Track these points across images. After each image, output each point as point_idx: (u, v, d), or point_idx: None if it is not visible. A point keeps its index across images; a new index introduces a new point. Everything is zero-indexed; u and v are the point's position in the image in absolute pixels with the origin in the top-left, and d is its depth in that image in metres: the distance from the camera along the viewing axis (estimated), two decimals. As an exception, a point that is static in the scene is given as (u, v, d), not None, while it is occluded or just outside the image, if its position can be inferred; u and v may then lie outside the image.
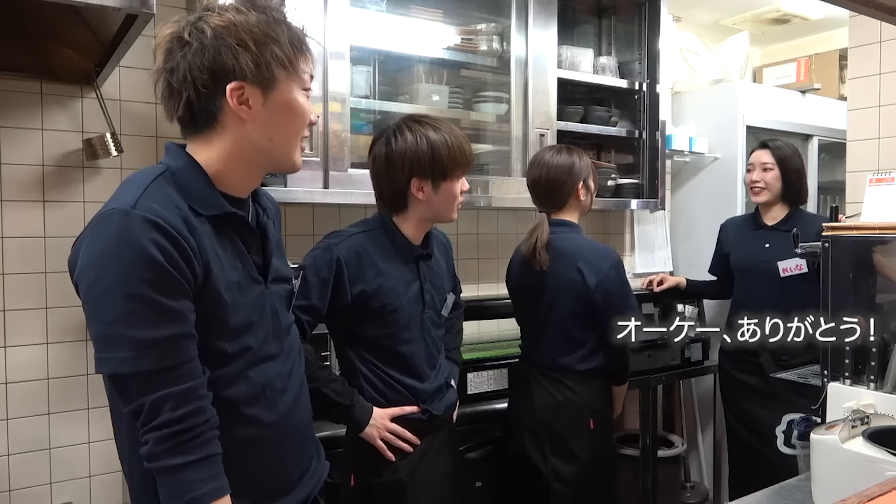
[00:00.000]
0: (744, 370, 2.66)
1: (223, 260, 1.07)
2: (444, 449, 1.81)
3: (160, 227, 0.97)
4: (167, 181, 1.05)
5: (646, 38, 3.01)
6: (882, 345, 1.54)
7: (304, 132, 1.14)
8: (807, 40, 3.91)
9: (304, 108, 1.12)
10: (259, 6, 1.07)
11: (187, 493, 0.99)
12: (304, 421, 1.24)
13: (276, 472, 1.16)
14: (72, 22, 1.62)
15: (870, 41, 2.41)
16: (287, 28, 1.08)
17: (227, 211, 1.08)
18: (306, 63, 1.11)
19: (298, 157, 1.15)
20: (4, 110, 1.98)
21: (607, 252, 2.11)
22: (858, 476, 1.22)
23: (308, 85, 1.13)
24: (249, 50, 1.03)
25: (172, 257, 0.97)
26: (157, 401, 0.98)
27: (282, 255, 1.24)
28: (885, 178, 1.69)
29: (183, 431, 0.99)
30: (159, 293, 0.97)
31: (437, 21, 2.53)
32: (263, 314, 1.14)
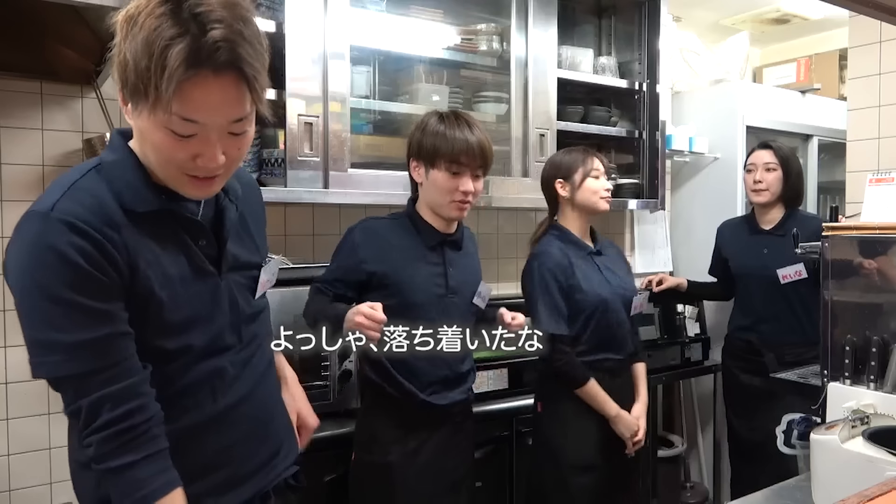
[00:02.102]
0: (747, 370, 2.66)
1: (160, 255, 1.02)
2: (447, 446, 1.81)
3: (78, 229, 0.94)
4: (97, 177, 1.00)
5: (646, 38, 3.01)
6: (882, 345, 1.54)
7: (187, 169, 0.97)
8: (807, 40, 3.91)
9: (164, 145, 0.94)
10: (163, 13, 0.88)
11: (138, 491, 0.98)
12: (262, 413, 1.18)
13: (219, 464, 1.11)
14: (72, 22, 1.62)
15: (870, 41, 2.41)
16: (160, 52, 0.87)
17: (158, 208, 1.01)
18: (175, 104, 0.89)
19: (186, 188, 1.01)
20: (4, 110, 1.98)
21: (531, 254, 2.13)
22: (858, 476, 1.22)
23: (179, 129, 0.93)
24: (120, 66, 0.93)
25: (93, 259, 0.94)
26: (95, 402, 0.97)
27: (246, 240, 1.17)
28: (885, 178, 1.69)
29: (126, 430, 0.97)
30: (84, 296, 0.95)
31: (437, 21, 2.53)
32: (216, 307, 1.09)
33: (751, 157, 2.72)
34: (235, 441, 1.12)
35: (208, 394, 1.09)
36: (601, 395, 2.03)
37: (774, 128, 3.24)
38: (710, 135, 3.28)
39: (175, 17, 0.87)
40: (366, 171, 2.22)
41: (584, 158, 2.12)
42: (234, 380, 1.12)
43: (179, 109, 0.90)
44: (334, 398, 2.12)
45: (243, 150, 1.00)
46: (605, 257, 2.16)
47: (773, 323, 2.60)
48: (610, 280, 2.10)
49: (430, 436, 1.78)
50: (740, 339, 2.72)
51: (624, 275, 2.18)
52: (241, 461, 1.13)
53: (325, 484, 1.96)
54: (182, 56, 0.86)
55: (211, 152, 0.95)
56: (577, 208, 2.12)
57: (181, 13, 0.87)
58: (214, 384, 1.09)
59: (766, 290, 2.60)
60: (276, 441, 1.21)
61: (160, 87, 0.87)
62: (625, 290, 2.12)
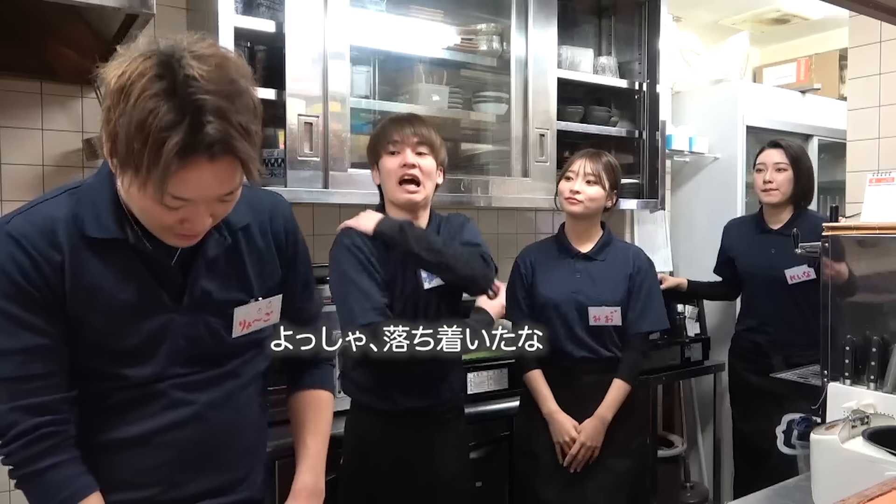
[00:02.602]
0: (754, 371, 2.63)
1: (110, 283, 1.02)
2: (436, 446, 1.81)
3: (20, 245, 0.98)
4: (68, 199, 1.03)
5: (646, 38, 3.01)
6: (882, 345, 1.54)
7: (173, 230, 0.99)
8: (807, 40, 3.91)
9: (153, 212, 0.96)
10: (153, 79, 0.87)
11: (61, 492, 0.99)
12: (211, 441, 1.12)
13: (140, 483, 1.07)
14: (72, 22, 1.62)
15: (870, 41, 2.41)
16: (156, 138, 0.86)
17: (112, 237, 1.01)
18: (172, 184, 0.89)
19: (170, 240, 1.02)
20: (4, 110, 1.98)
21: None
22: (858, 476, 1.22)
23: (169, 203, 0.93)
24: (107, 128, 0.91)
25: (28, 275, 0.98)
26: (12, 410, 0.98)
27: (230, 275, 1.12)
28: (885, 178, 1.69)
29: (48, 435, 0.99)
30: (15, 306, 0.98)
31: (437, 21, 2.53)
32: (165, 341, 1.06)
33: (760, 156, 2.68)
34: (165, 463, 1.08)
35: (140, 413, 1.06)
36: (543, 389, 2.09)
37: (774, 128, 3.23)
38: (710, 135, 3.28)
39: (170, 99, 0.86)
40: (366, 171, 2.21)
41: (572, 160, 2.15)
42: (176, 403, 1.08)
43: (172, 190, 0.91)
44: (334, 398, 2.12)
45: (230, 207, 1.01)
46: (597, 263, 2.13)
47: (780, 324, 2.58)
48: (572, 284, 2.10)
49: (417, 436, 1.78)
50: (747, 339, 2.70)
51: (608, 285, 2.11)
52: (170, 484, 1.09)
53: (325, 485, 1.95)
54: (178, 147, 0.86)
55: (199, 220, 0.97)
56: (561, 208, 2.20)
57: (176, 95, 0.86)
58: (150, 405, 1.07)
59: (774, 290, 2.58)
60: (228, 472, 1.15)
61: (152, 172, 0.87)
62: (586, 299, 2.07)
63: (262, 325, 1.17)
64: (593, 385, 2.09)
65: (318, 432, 1.29)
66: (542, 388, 2.09)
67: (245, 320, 1.14)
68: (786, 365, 2.47)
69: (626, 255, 2.18)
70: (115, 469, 1.06)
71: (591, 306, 2.08)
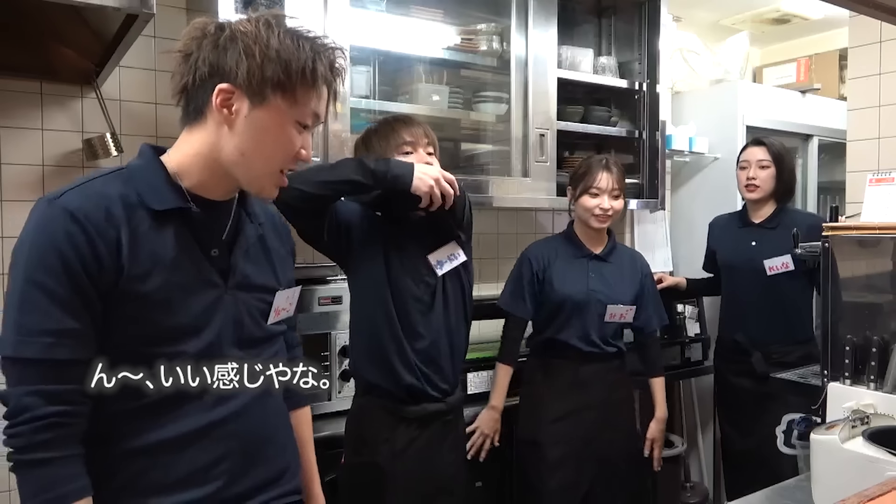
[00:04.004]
0: (738, 372, 2.65)
1: (166, 259, 1.04)
2: (437, 446, 1.81)
3: (77, 219, 0.97)
4: (117, 178, 1.06)
5: (646, 38, 3.01)
6: (882, 345, 1.54)
7: (283, 164, 1.10)
8: (807, 40, 3.91)
9: (287, 139, 1.08)
10: (293, 32, 1.05)
11: (50, 491, 0.96)
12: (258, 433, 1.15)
13: (200, 481, 1.07)
14: (72, 22, 1.62)
15: (870, 41, 2.41)
16: (310, 60, 1.04)
17: (176, 206, 1.05)
18: (313, 101, 1.08)
19: (270, 186, 1.11)
20: (4, 110, 1.98)
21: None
22: (858, 476, 1.22)
23: (306, 121, 1.09)
24: (253, 61, 1.02)
25: (80, 251, 0.97)
26: (29, 394, 0.96)
27: (263, 264, 1.18)
28: (885, 178, 1.69)
29: (51, 427, 0.96)
30: (58, 283, 0.97)
31: (437, 21, 2.53)
32: (214, 318, 1.09)
33: (744, 153, 2.71)
34: (223, 457, 1.09)
35: (196, 406, 1.07)
36: (500, 384, 2.22)
37: (774, 128, 3.24)
38: (710, 135, 3.28)
39: (301, 40, 1.05)
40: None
41: (591, 172, 2.20)
42: (226, 396, 1.10)
43: (316, 105, 1.09)
44: (334, 398, 2.13)
45: (311, 158, 1.16)
46: (608, 264, 2.26)
47: (758, 318, 2.59)
48: (590, 283, 2.21)
49: (419, 435, 1.78)
50: (728, 338, 2.71)
51: (620, 284, 2.26)
52: (229, 479, 1.10)
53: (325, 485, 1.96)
54: (325, 67, 1.07)
55: (310, 145, 1.13)
56: (577, 217, 2.27)
57: (303, 37, 1.06)
58: (203, 397, 1.08)
59: (753, 282, 2.59)
60: (274, 466, 1.18)
61: (308, 87, 1.05)
62: (604, 297, 2.21)
63: (286, 315, 1.23)
64: (593, 374, 2.22)
65: (312, 447, 1.40)
66: (500, 383, 2.22)
67: (278, 307, 1.20)
68: (765, 362, 2.49)
69: (632, 258, 2.36)
70: (174, 468, 1.06)
71: (610, 304, 2.20)
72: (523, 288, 2.22)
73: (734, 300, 2.72)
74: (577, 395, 2.18)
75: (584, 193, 2.19)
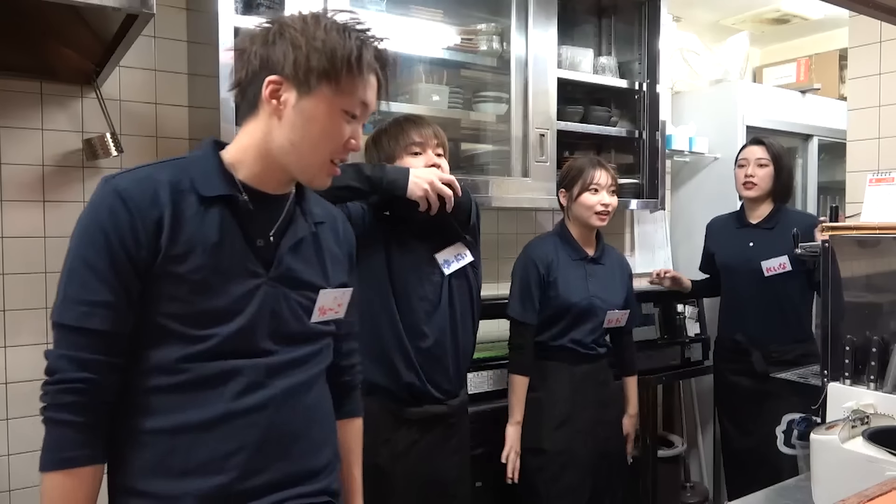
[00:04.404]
0: (738, 371, 2.65)
1: (210, 244, 1.07)
2: (439, 448, 1.81)
3: (122, 199, 1.03)
4: (173, 165, 1.11)
5: (646, 38, 3.01)
6: (882, 345, 1.54)
7: (333, 153, 1.12)
8: (807, 40, 3.91)
9: (334, 127, 1.10)
10: (340, 24, 1.09)
11: (62, 452, 1.02)
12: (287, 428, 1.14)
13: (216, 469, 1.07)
14: (72, 22, 1.61)
15: (870, 41, 2.41)
16: (356, 49, 1.07)
17: (224, 193, 1.09)
18: (359, 89, 1.10)
19: (321, 175, 1.14)
20: (4, 110, 1.98)
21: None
22: (858, 476, 1.22)
23: (354, 110, 1.11)
24: (299, 52, 1.06)
25: (121, 229, 1.03)
26: (65, 356, 1.02)
27: (312, 261, 1.19)
28: (885, 178, 1.69)
29: (73, 391, 1.02)
30: (98, 257, 1.03)
31: (437, 21, 2.53)
32: (249, 307, 1.10)
33: (742, 152, 2.72)
34: (238, 449, 1.09)
35: (219, 392, 1.08)
36: (520, 396, 2.16)
37: (774, 128, 3.24)
38: (710, 135, 3.28)
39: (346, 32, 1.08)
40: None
41: (586, 170, 2.18)
42: (254, 386, 1.10)
43: (363, 93, 1.11)
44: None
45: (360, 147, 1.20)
46: (601, 267, 2.25)
47: (757, 318, 2.60)
48: (590, 288, 2.20)
49: (421, 437, 1.78)
50: (727, 339, 2.71)
51: (614, 287, 2.26)
52: (246, 471, 1.09)
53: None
54: (371, 55, 1.09)
55: (359, 135, 1.15)
56: (574, 218, 2.23)
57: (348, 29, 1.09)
58: (227, 384, 1.08)
59: (751, 283, 2.59)
60: (299, 465, 1.16)
61: (353, 74, 1.08)
62: (602, 302, 2.20)
63: (334, 315, 1.23)
64: (587, 374, 2.21)
65: (358, 461, 1.40)
66: (519, 395, 2.17)
67: (324, 306, 1.20)
68: (765, 362, 2.50)
69: (619, 259, 2.36)
70: (195, 453, 1.07)
71: (609, 310, 2.21)
72: (532, 295, 2.17)
73: (733, 300, 2.72)
74: (574, 397, 2.18)
75: (583, 191, 2.18)
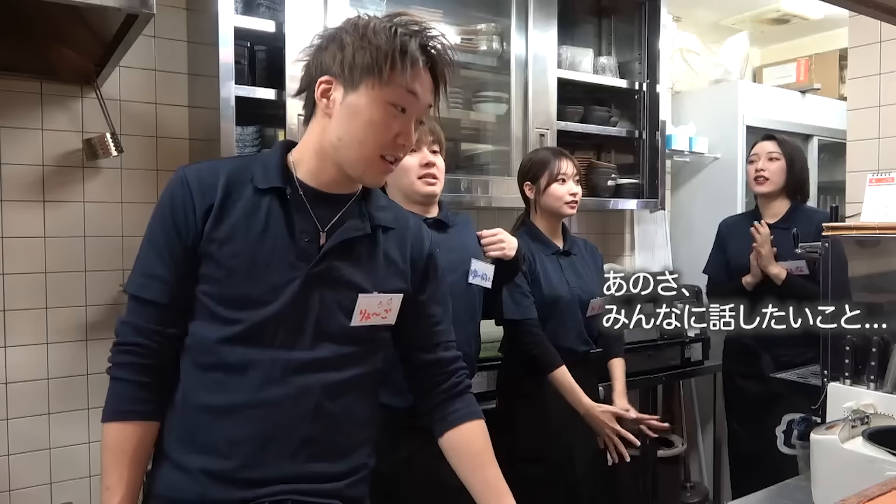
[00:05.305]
0: (747, 374, 2.62)
1: (256, 233, 1.12)
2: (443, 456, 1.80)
3: (184, 183, 1.12)
4: (242, 160, 1.22)
5: (646, 38, 3.01)
6: (882, 345, 1.54)
7: (381, 148, 1.12)
8: (807, 40, 3.91)
9: (379, 121, 1.11)
10: (389, 22, 1.11)
11: (120, 405, 1.12)
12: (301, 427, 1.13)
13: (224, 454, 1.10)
14: (72, 22, 1.62)
15: (870, 41, 2.40)
16: (399, 41, 1.09)
17: (275, 185, 1.13)
18: (405, 80, 1.10)
19: (372, 172, 1.14)
20: (4, 110, 1.98)
21: None
22: (858, 476, 1.22)
23: (401, 102, 1.11)
24: (345, 51, 1.10)
25: (177, 211, 1.11)
26: (125, 322, 1.13)
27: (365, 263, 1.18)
28: (885, 178, 1.69)
29: (129, 352, 1.12)
30: (160, 233, 1.12)
31: (437, 21, 2.53)
32: (282, 298, 1.11)
33: (754, 148, 2.67)
34: (244, 439, 1.10)
35: (237, 379, 1.11)
36: (573, 384, 2.06)
37: (774, 128, 3.23)
38: (710, 135, 3.28)
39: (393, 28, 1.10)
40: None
41: (551, 161, 2.14)
42: (271, 381, 1.11)
43: (408, 83, 1.10)
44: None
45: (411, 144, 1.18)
46: (574, 257, 2.22)
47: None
48: (569, 280, 2.17)
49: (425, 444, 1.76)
50: (738, 341, 2.67)
51: (589, 276, 2.22)
52: (244, 462, 1.10)
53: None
54: (417, 46, 1.10)
55: (410, 134, 1.15)
56: (543, 210, 2.18)
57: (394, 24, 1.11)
58: (248, 373, 1.11)
59: (765, 285, 2.53)
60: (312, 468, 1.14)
61: (396, 65, 1.08)
62: (582, 292, 2.17)
63: (380, 321, 1.20)
64: (582, 375, 2.16)
65: (494, 463, 1.28)
66: (572, 383, 2.06)
67: (366, 310, 1.18)
68: (774, 364, 2.46)
69: (589, 245, 2.33)
70: (209, 433, 1.11)
71: (591, 298, 2.16)
72: (523, 290, 2.10)
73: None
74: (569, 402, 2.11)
75: (551, 182, 2.13)
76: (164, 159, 2.20)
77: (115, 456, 1.11)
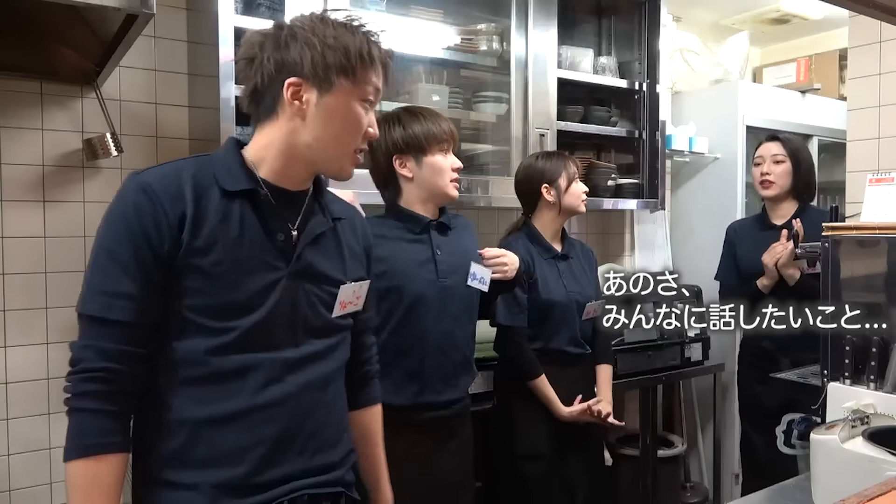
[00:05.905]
0: (763, 378, 2.55)
1: (231, 237, 1.09)
2: (441, 450, 1.80)
3: (147, 193, 1.05)
4: (196, 162, 1.14)
5: (646, 38, 3.01)
6: (882, 345, 1.54)
7: (357, 143, 1.17)
8: (807, 40, 3.91)
9: (356, 118, 1.15)
10: (343, 22, 1.14)
11: (84, 439, 1.04)
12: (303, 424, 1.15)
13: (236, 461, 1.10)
14: (72, 22, 1.62)
15: (870, 41, 2.41)
16: (365, 43, 1.13)
17: (246, 188, 1.11)
18: (373, 77, 1.15)
19: (347, 166, 1.18)
20: (4, 110, 1.98)
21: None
22: (858, 476, 1.22)
23: (368, 96, 1.15)
24: (315, 52, 1.09)
25: (145, 223, 1.04)
26: (87, 346, 1.05)
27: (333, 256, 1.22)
28: (885, 178, 1.69)
29: (96, 380, 1.04)
30: (123, 249, 1.04)
31: (437, 21, 2.53)
32: (269, 300, 1.11)
33: (759, 149, 2.63)
34: (256, 443, 1.10)
35: (238, 386, 1.10)
36: (551, 394, 2.12)
37: (774, 128, 3.23)
38: (710, 135, 3.28)
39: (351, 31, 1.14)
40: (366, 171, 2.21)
41: (566, 163, 2.17)
42: (272, 381, 1.12)
43: (376, 81, 1.15)
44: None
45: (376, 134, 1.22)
46: (571, 261, 2.23)
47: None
48: (567, 285, 2.18)
49: (421, 440, 1.77)
50: (754, 344, 2.62)
51: (586, 280, 2.24)
52: (261, 464, 1.11)
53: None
54: (373, 41, 1.15)
55: (374, 121, 1.19)
56: (561, 212, 2.18)
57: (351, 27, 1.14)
58: (248, 378, 1.10)
59: (779, 288, 2.47)
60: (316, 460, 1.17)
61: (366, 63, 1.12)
62: (579, 296, 2.18)
63: (354, 308, 1.25)
64: (578, 374, 2.20)
65: (382, 444, 1.43)
66: (549, 392, 2.13)
67: (344, 301, 1.22)
68: (793, 368, 2.42)
69: (584, 247, 2.34)
70: (216, 445, 1.09)
71: (587, 302, 2.18)
72: (518, 297, 2.10)
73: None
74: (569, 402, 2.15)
75: (571, 182, 2.16)
76: (165, 159, 2.15)
77: (87, 497, 1.04)
